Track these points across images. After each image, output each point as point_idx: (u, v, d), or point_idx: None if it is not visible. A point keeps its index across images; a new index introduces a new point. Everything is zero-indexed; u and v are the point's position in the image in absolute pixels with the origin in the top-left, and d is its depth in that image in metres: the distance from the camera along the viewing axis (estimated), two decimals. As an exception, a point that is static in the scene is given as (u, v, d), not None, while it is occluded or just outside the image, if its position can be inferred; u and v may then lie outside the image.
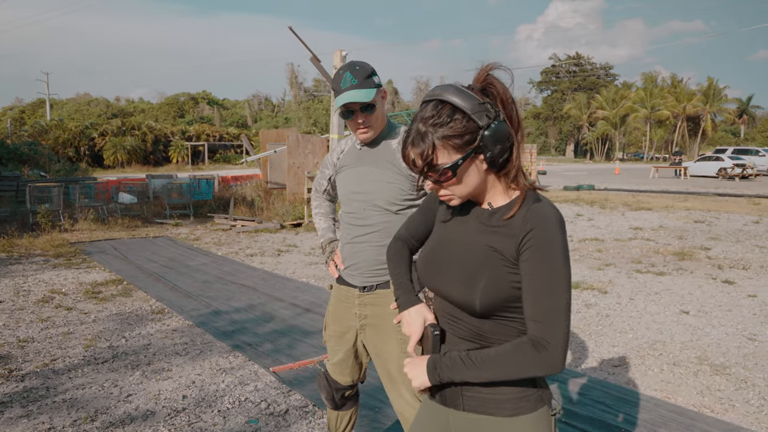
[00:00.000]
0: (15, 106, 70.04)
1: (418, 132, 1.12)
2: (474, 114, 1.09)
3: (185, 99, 69.22)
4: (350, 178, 2.05)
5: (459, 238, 1.24)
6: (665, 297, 5.42)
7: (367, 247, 1.98)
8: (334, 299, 2.14)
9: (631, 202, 14.04)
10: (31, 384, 3.43)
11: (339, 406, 2.20)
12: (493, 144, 1.10)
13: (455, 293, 1.19)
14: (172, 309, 5.11)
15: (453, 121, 1.10)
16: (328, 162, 2.21)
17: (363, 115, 1.90)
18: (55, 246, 8.46)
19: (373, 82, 1.90)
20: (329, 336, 2.15)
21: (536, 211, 1.13)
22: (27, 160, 23.75)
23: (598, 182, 22.62)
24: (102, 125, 39.25)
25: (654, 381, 3.50)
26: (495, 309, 1.15)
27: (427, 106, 1.13)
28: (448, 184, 1.16)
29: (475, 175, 1.16)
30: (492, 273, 1.14)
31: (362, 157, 2.03)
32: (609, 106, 58.90)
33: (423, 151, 1.11)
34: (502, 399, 1.18)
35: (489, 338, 1.19)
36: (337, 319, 2.11)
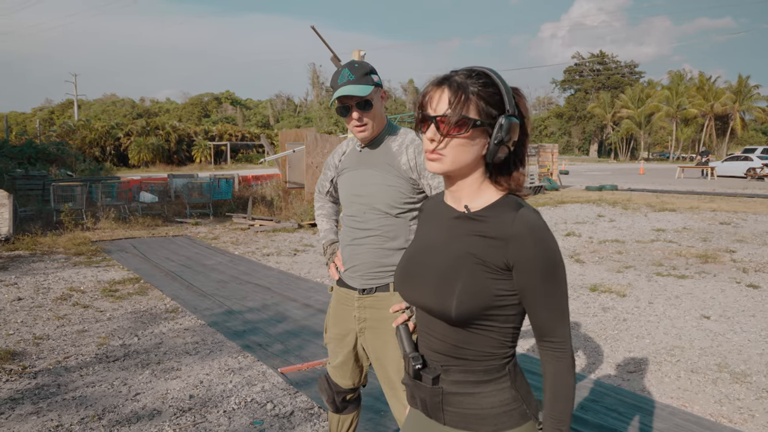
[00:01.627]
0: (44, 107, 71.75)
1: (454, 79, 1.11)
2: (507, 97, 1.11)
3: (209, 99, 70.08)
4: (351, 180, 2.03)
5: (434, 244, 1.21)
6: (686, 301, 5.28)
7: (367, 249, 1.96)
8: (335, 301, 2.12)
9: (654, 203, 13.77)
10: (43, 381, 3.47)
11: (340, 410, 2.17)
12: (506, 132, 1.09)
13: (430, 301, 1.14)
14: (186, 308, 5.15)
15: (488, 88, 1.11)
16: (330, 164, 2.20)
17: (359, 112, 1.88)
18: (76, 244, 8.60)
19: (371, 80, 1.88)
20: (330, 338, 2.13)
21: (524, 219, 1.09)
22: (55, 159, 24.22)
23: (621, 182, 22.24)
24: (127, 125, 39.89)
25: (670, 388, 3.40)
26: (472, 317, 1.11)
27: (468, 69, 1.14)
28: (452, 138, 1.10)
29: (474, 151, 1.13)
30: (469, 279, 1.10)
31: (362, 160, 2.01)
32: (634, 105, 57.91)
33: (455, 93, 1.09)
34: (483, 414, 1.14)
35: (465, 350, 1.15)
36: (337, 321, 2.09)
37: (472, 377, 1.15)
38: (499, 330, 1.13)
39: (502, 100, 1.11)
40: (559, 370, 1.12)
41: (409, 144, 1.96)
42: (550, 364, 1.13)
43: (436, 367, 1.19)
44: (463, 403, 1.15)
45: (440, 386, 1.17)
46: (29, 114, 66.23)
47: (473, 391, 1.15)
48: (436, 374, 1.17)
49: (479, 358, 1.15)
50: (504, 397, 1.14)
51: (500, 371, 1.15)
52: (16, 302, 5.35)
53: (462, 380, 1.16)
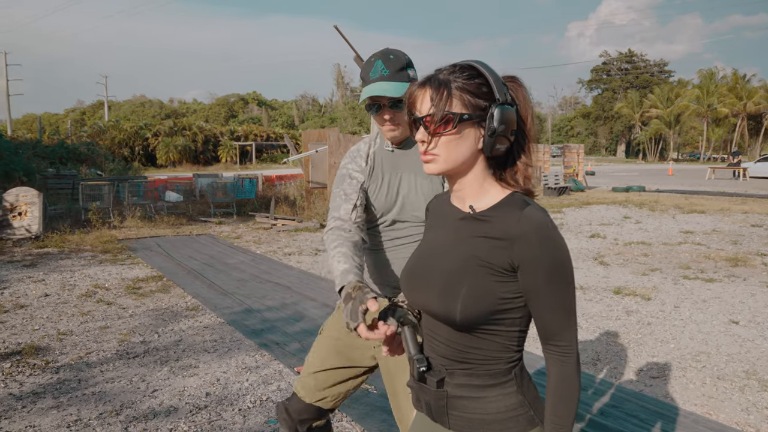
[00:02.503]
0: (76, 108, 73.52)
1: (437, 77, 1.09)
2: (495, 85, 1.07)
3: (235, 100, 70.92)
4: (390, 185, 1.80)
5: (439, 246, 1.18)
6: (713, 305, 5.13)
7: (398, 259, 1.78)
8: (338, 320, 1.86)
9: (683, 205, 13.45)
10: (64, 376, 3.53)
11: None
12: (499, 122, 1.05)
13: (434, 305, 1.12)
14: (206, 306, 5.19)
15: (473, 80, 1.08)
16: (352, 170, 1.83)
17: (391, 112, 1.69)
18: (103, 242, 8.76)
19: (406, 76, 1.69)
20: (326, 338, 1.86)
21: (529, 218, 1.05)
22: (85, 159, 24.76)
23: (649, 183, 21.79)
24: (155, 126, 40.59)
25: (695, 395, 3.30)
26: (477, 321, 1.08)
27: (451, 65, 1.11)
28: (442, 135, 1.08)
29: (468, 146, 1.09)
30: (474, 283, 1.07)
31: (398, 162, 1.80)
32: (663, 104, 56.73)
33: (437, 91, 1.07)
34: (489, 419, 1.11)
35: (470, 354, 1.12)
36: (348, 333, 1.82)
37: (476, 381, 1.13)
38: (505, 334, 1.10)
39: (491, 91, 1.07)
40: (563, 373, 1.08)
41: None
42: (554, 366, 1.09)
43: (441, 370, 1.16)
44: (468, 408, 1.13)
45: (445, 389, 1.15)
46: (62, 115, 67.95)
47: (478, 395, 1.12)
48: (440, 377, 1.15)
49: (484, 362, 1.12)
50: (510, 402, 1.11)
51: (506, 375, 1.12)
52: (43, 298, 5.46)
53: (466, 384, 1.13)
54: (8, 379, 3.49)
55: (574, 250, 8.05)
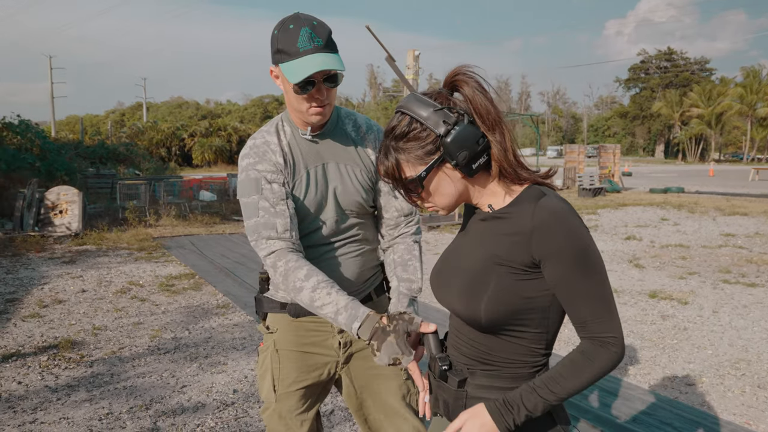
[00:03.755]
0: (116, 109, 75.65)
1: (384, 147, 1.11)
2: (430, 122, 1.03)
3: (270, 100, 71.84)
4: (317, 181, 1.54)
5: (462, 247, 1.17)
6: (755, 311, 4.94)
7: (346, 260, 1.58)
8: (295, 338, 1.61)
9: (724, 207, 13.01)
10: (98, 370, 3.62)
11: None
12: (456, 150, 1.03)
13: (459, 306, 1.10)
14: (237, 304, 5.26)
15: (410, 132, 1.06)
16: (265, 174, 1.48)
17: (326, 89, 1.44)
18: (139, 240, 8.98)
19: (335, 45, 1.43)
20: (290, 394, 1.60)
21: (544, 207, 1.01)
22: (124, 159, 25.45)
23: (688, 185, 21.16)
24: (191, 126, 41.46)
25: (733, 404, 3.17)
26: (502, 322, 1.05)
27: (393, 117, 1.10)
28: (422, 196, 1.12)
29: (449, 183, 1.10)
30: (497, 284, 1.04)
31: (322, 152, 1.55)
32: (704, 103, 55.04)
33: (387, 167, 1.10)
34: None
35: (495, 356, 1.10)
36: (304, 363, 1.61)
37: (497, 383, 1.10)
38: (531, 336, 1.07)
39: (428, 129, 1.04)
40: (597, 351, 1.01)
41: (367, 130, 1.63)
42: (590, 346, 1.02)
43: (463, 370, 1.14)
44: None
45: (465, 389, 1.13)
46: (102, 116, 69.98)
47: (498, 397, 1.09)
48: (462, 377, 1.13)
49: (507, 365, 1.09)
50: None
51: (528, 378, 1.09)
52: (80, 294, 5.62)
53: (488, 385, 1.11)
54: (45, 372, 3.59)
55: (608, 252, 7.87)
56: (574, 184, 18.91)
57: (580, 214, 11.16)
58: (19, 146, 15.49)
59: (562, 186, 19.19)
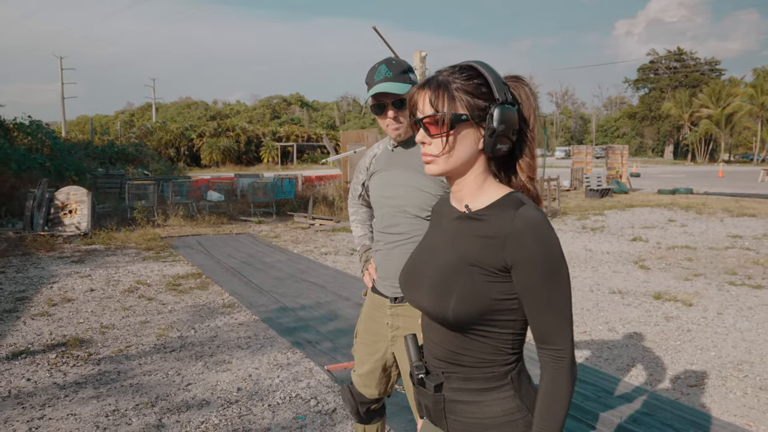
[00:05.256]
0: (126, 109, 76.13)
1: (436, 78, 1.10)
2: (494, 85, 1.06)
3: (278, 101, 72.08)
4: (381, 182, 1.97)
5: (435, 245, 1.18)
6: (760, 313, 4.92)
7: (398, 255, 1.88)
8: (368, 307, 2.06)
9: (732, 208, 12.93)
10: (105, 368, 3.68)
11: (365, 421, 2.10)
12: (499, 121, 1.05)
13: (428, 304, 1.12)
14: (242, 303, 5.31)
15: (473, 80, 1.08)
16: (361, 167, 2.14)
17: (394, 111, 1.83)
18: (147, 240, 9.06)
19: (408, 78, 1.84)
20: (359, 344, 2.07)
21: (523, 216, 1.04)
22: (133, 159, 25.65)
23: (697, 186, 21.03)
24: (200, 127, 41.69)
25: (735, 406, 3.18)
26: (469, 321, 1.07)
27: (451, 66, 1.12)
28: (441, 137, 1.08)
29: (468, 146, 1.09)
30: (467, 282, 1.07)
31: (393, 160, 1.95)
32: (714, 104, 54.62)
33: (435, 93, 1.07)
34: (486, 424, 1.10)
35: (463, 356, 1.12)
36: (368, 327, 2.03)
37: (472, 385, 1.12)
38: (498, 336, 1.09)
39: (490, 91, 1.06)
40: (556, 376, 1.06)
41: None
42: (547, 369, 1.07)
43: (439, 375, 1.17)
44: (465, 412, 1.13)
45: (442, 394, 1.15)
46: (112, 117, 70.47)
47: (474, 399, 1.12)
48: (438, 382, 1.15)
49: (478, 365, 1.11)
50: (507, 407, 1.10)
51: (502, 379, 1.11)
52: (88, 293, 5.70)
53: (462, 388, 1.13)
54: (53, 369, 3.65)
55: (614, 253, 7.86)
56: (581, 185, 18.85)
57: (587, 215, 11.12)
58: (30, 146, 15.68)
59: (569, 187, 19.14)
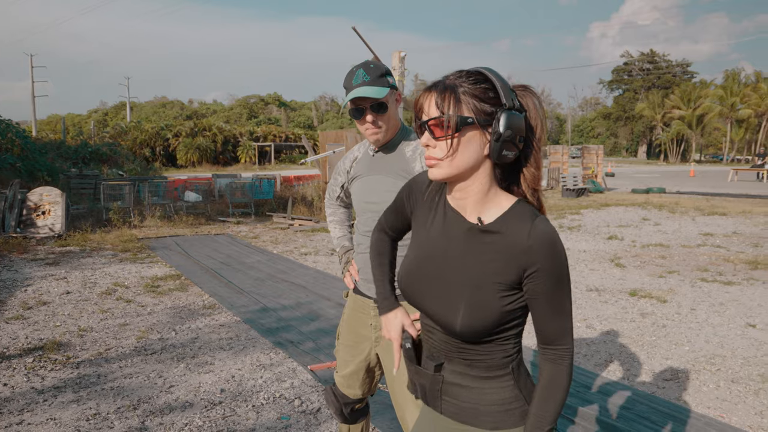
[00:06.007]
0: (99, 109, 74.69)
1: (443, 82, 1.09)
2: (501, 91, 1.06)
3: (255, 101, 71.48)
4: (363, 187, 1.98)
5: (445, 254, 1.16)
6: (731, 308, 5.07)
7: None
8: (350, 309, 2.07)
9: (704, 207, 13.26)
10: (84, 371, 3.63)
11: (349, 421, 2.12)
12: (506, 127, 1.04)
13: (435, 312, 1.14)
14: (223, 305, 5.28)
15: (480, 85, 1.07)
16: (341, 169, 2.14)
17: (373, 114, 1.83)
18: (123, 241, 8.94)
19: (386, 82, 1.83)
20: (342, 345, 2.08)
21: (540, 228, 1.06)
22: (107, 159, 25.21)
23: (669, 185, 21.50)
24: (176, 126, 41.12)
25: (708, 398, 3.28)
26: (477, 334, 1.10)
27: (459, 71, 1.12)
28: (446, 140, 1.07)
29: (474, 151, 1.07)
30: (479, 297, 1.08)
31: (375, 165, 1.96)
32: (685, 105, 55.84)
33: (441, 95, 1.06)
34: (481, 410, 1.13)
35: (469, 353, 1.14)
36: (351, 329, 2.04)
37: (473, 372, 1.15)
38: (503, 339, 1.13)
39: (497, 96, 1.06)
40: (557, 372, 1.11)
41: (423, 151, 1.88)
42: (548, 365, 1.12)
43: (440, 356, 1.19)
44: (461, 396, 1.16)
45: (441, 374, 1.18)
46: (85, 116, 69.11)
47: (474, 385, 1.15)
48: (439, 362, 1.18)
49: (482, 356, 1.14)
50: (505, 396, 1.14)
51: (503, 369, 1.14)
52: (64, 295, 5.60)
53: (464, 372, 1.16)
54: (31, 374, 3.59)
55: (590, 251, 8.00)
56: (558, 185, 19.11)
57: (564, 215, 11.28)
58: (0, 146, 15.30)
59: (546, 186, 19.39)
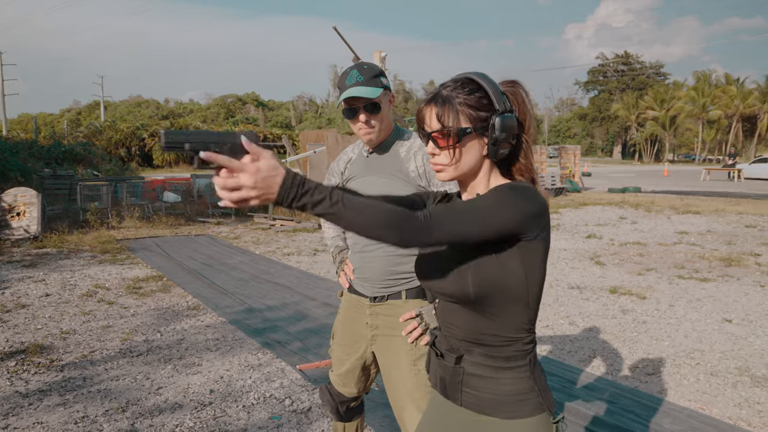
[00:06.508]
0: (72, 108, 73.26)
1: (440, 94, 1.19)
2: (493, 97, 1.16)
3: (233, 100, 70.87)
4: (358, 188, 1.97)
5: None
6: (707, 304, 5.21)
7: (378, 257, 1.91)
8: (345, 308, 2.08)
9: (678, 206, 13.56)
10: (69, 374, 3.58)
11: (345, 419, 2.14)
12: (500, 130, 1.15)
13: (448, 286, 1.19)
14: (207, 306, 5.24)
15: (474, 94, 1.17)
16: (334, 170, 2.14)
17: (366, 114, 1.84)
18: (102, 242, 8.80)
19: (380, 82, 1.85)
20: (337, 344, 2.09)
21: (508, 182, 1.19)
22: (81, 159, 24.73)
23: (645, 184, 21.93)
24: (152, 126, 40.54)
25: (689, 391, 3.37)
26: (488, 294, 1.15)
27: (453, 80, 1.21)
28: (449, 149, 1.18)
29: (474, 154, 1.20)
30: (481, 258, 1.15)
31: (370, 166, 1.97)
32: (658, 106, 56.98)
33: (441, 108, 1.17)
34: (499, 400, 1.17)
35: (486, 336, 1.19)
36: (347, 327, 2.05)
37: (493, 363, 1.19)
38: (515, 309, 1.16)
39: (491, 102, 1.16)
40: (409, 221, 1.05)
41: (418, 150, 1.92)
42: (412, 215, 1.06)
43: (460, 348, 1.23)
44: (481, 387, 1.19)
45: (462, 366, 1.22)
46: (57, 115, 67.68)
47: (493, 375, 1.19)
48: (459, 354, 1.22)
49: (501, 344, 1.18)
50: (522, 387, 1.17)
51: (521, 360, 1.18)
52: (44, 298, 5.50)
53: (483, 363, 1.20)
54: (14, 377, 3.53)
55: (570, 250, 8.13)
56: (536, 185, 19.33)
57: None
58: (-29, 146, 14.92)
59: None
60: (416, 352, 1.85)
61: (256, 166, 0.98)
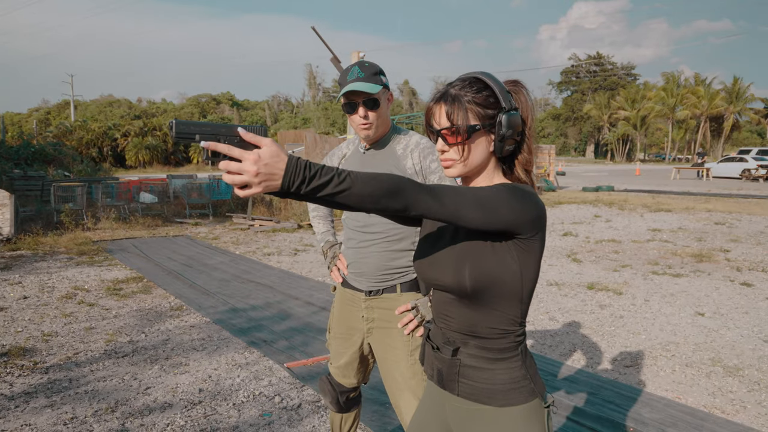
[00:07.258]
0: (41, 107, 71.45)
1: (449, 93, 1.24)
2: (500, 95, 1.22)
3: (207, 100, 70.02)
4: None
5: (448, 230, 1.31)
6: (681, 299, 5.39)
7: (373, 253, 1.97)
8: (339, 302, 2.12)
9: (650, 204, 13.90)
10: (54, 376, 3.56)
11: (344, 410, 2.19)
12: (507, 127, 1.21)
13: (446, 278, 1.24)
14: (191, 306, 5.23)
15: (482, 92, 1.23)
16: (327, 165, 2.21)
17: (365, 110, 1.89)
18: (78, 244, 8.66)
19: (380, 80, 1.90)
20: (334, 338, 2.14)
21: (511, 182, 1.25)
22: (52, 160, 24.19)
23: (618, 183, 22.40)
24: (124, 126, 39.88)
25: (665, 382, 3.51)
26: (484, 287, 1.20)
27: (461, 80, 1.26)
28: (458, 146, 1.23)
29: (482, 151, 1.25)
30: (478, 251, 1.20)
31: (366, 162, 2.01)
32: (630, 106, 58.17)
33: (450, 106, 1.22)
34: (494, 389, 1.23)
35: (481, 328, 1.24)
36: (342, 321, 2.10)
37: (488, 354, 1.25)
38: (509, 303, 1.22)
39: (497, 101, 1.23)
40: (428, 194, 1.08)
41: (414, 147, 1.96)
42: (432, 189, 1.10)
43: (456, 341, 1.29)
44: (477, 377, 1.25)
45: (458, 358, 1.28)
46: (25, 114, 65.96)
47: (488, 366, 1.25)
48: (456, 347, 1.28)
49: (495, 336, 1.24)
50: (515, 375, 1.24)
51: (513, 351, 1.25)
52: (22, 300, 5.42)
53: (479, 355, 1.26)
54: (-3, 380, 3.49)
55: (548, 248, 8.29)
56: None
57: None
58: (-63, 147, 14.51)
59: (501, 185, 19.84)
60: (413, 343, 1.91)
61: (256, 153, 0.99)
